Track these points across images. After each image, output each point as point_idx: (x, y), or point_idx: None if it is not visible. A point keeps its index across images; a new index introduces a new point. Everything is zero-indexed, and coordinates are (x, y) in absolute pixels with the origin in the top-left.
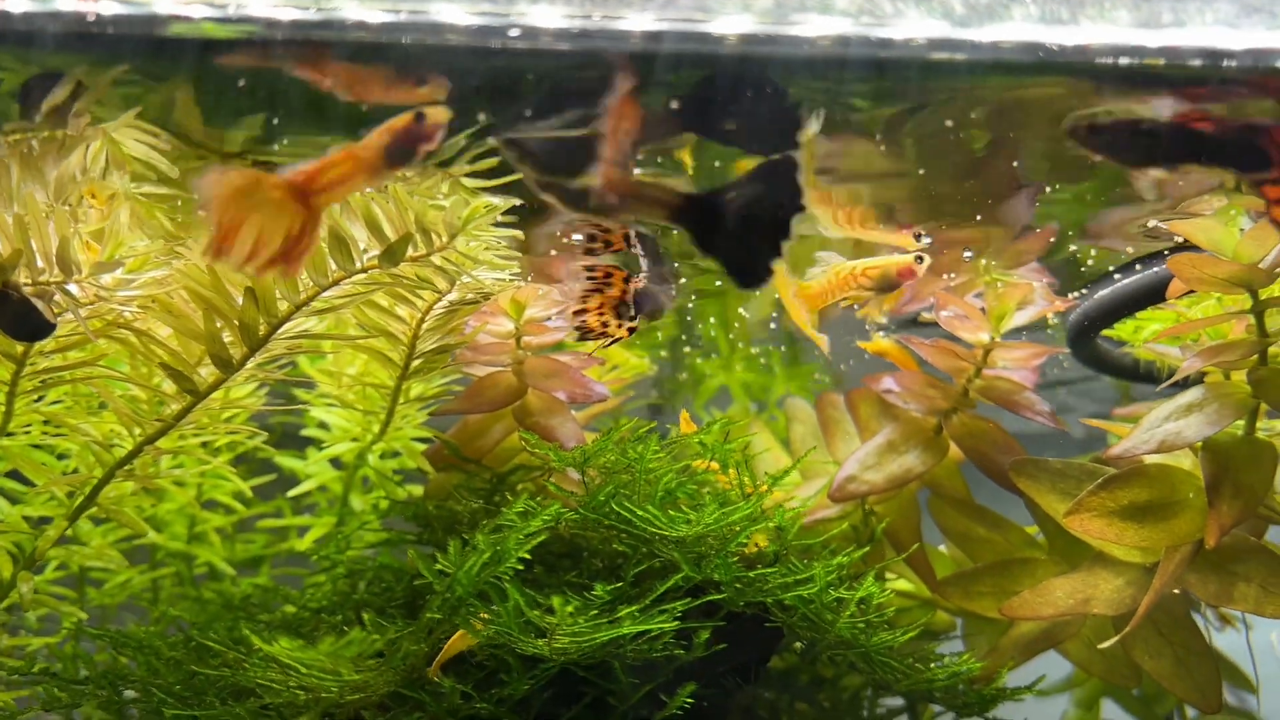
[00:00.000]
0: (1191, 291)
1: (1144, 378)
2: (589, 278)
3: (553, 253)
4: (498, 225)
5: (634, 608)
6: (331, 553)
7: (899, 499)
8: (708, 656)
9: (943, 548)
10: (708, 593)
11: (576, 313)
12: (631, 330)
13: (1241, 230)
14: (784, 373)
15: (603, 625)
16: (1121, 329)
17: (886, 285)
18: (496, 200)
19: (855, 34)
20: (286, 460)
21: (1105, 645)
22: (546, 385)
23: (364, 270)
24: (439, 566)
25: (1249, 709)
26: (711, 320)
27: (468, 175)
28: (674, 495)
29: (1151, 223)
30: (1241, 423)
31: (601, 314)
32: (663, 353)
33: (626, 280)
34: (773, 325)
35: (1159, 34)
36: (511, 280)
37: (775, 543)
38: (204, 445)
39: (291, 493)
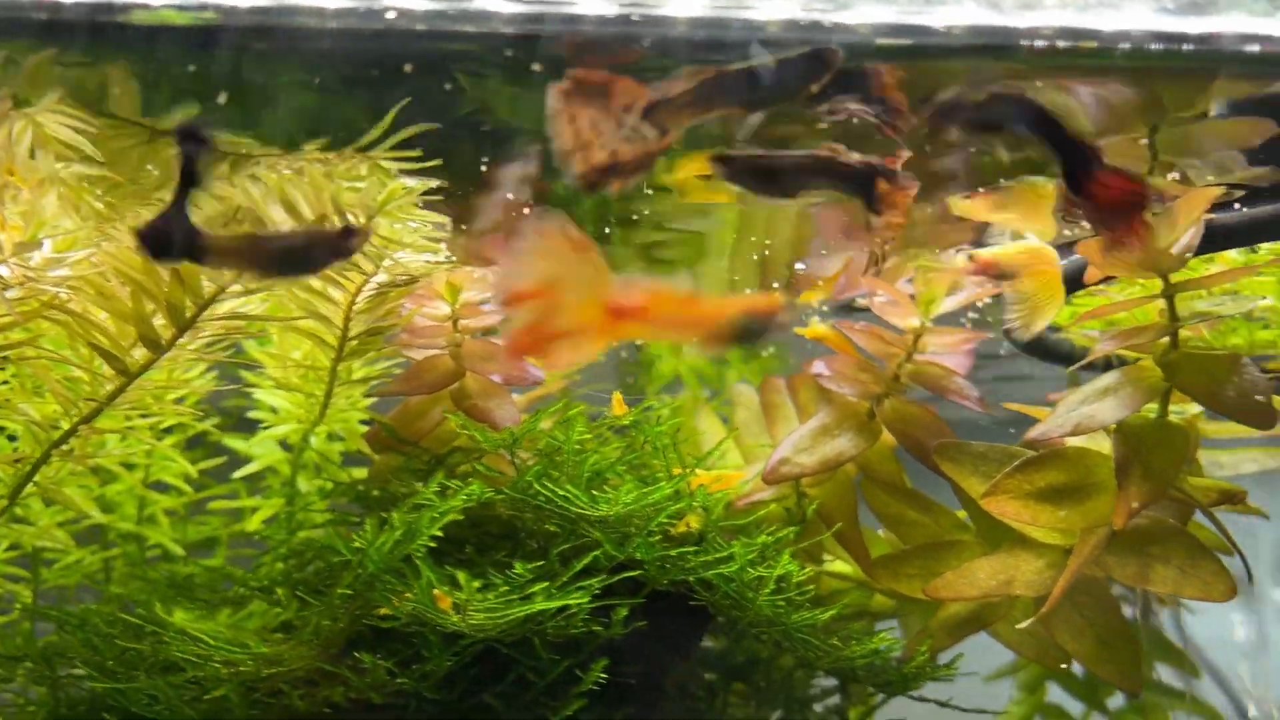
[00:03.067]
0: (1112, 278)
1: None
2: None
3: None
4: (428, 208)
5: (546, 585)
6: (276, 534)
7: (834, 482)
8: (637, 635)
9: (881, 531)
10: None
11: None
12: None
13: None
14: (738, 359)
15: (514, 602)
16: (1060, 314)
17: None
18: (413, 183)
19: None
20: (237, 443)
21: (1022, 626)
22: (483, 368)
23: None
24: (356, 544)
25: (1196, 692)
26: None
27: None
28: (603, 476)
29: None
30: (1155, 406)
31: None
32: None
33: None
34: None
35: None
36: (443, 263)
37: (705, 523)
38: (155, 428)
39: (236, 475)
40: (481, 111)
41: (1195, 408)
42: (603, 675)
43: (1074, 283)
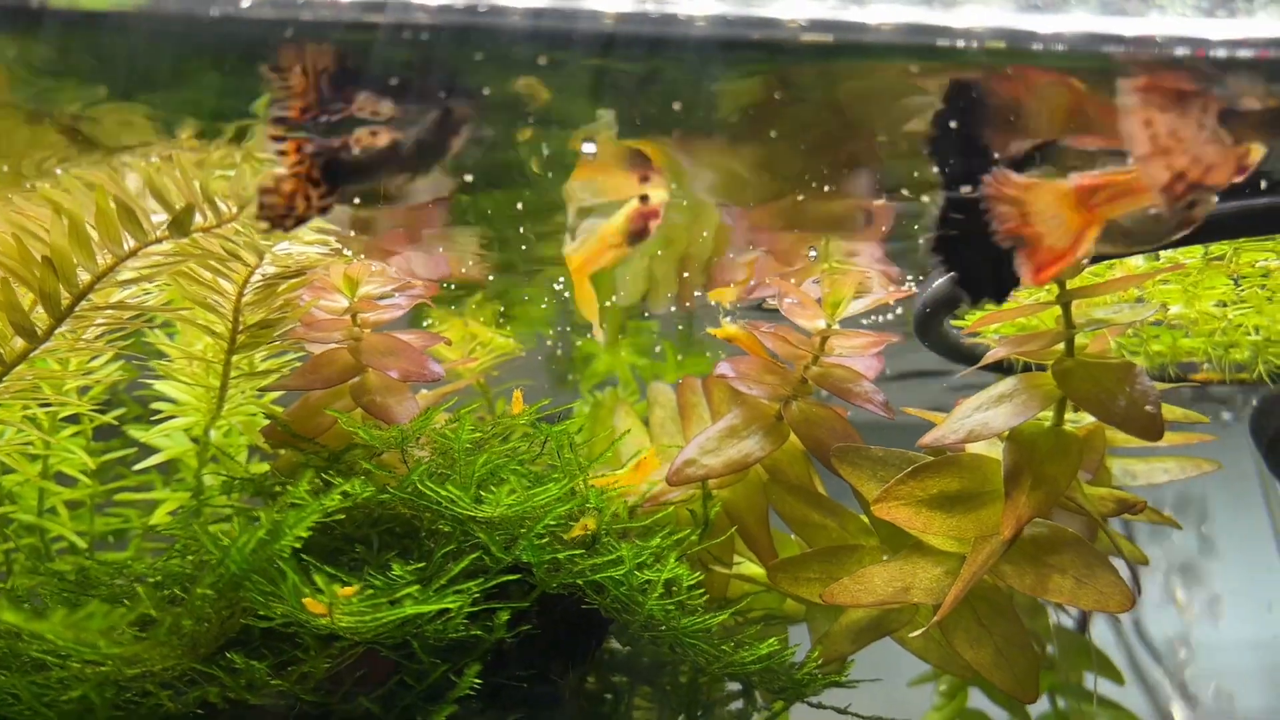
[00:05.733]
0: None
1: (998, 368)
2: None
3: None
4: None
5: (417, 587)
6: (175, 527)
7: (745, 484)
8: (528, 639)
9: (795, 536)
10: (523, 575)
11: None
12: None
13: None
14: (674, 357)
15: (382, 605)
16: (972, 318)
17: (636, 235)
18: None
19: None
20: (141, 434)
21: (915, 635)
22: (382, 363)
23: (158, 240)
24: (224, 543)
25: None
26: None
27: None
28: (499, 476)
29: None
30: (1049, 414)
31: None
32: (550, 332)
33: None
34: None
35: None
36: (335, 255)
37: (599, 525)
38: (54, 417)
39: (137, 467)
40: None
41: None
42: (494, 680)
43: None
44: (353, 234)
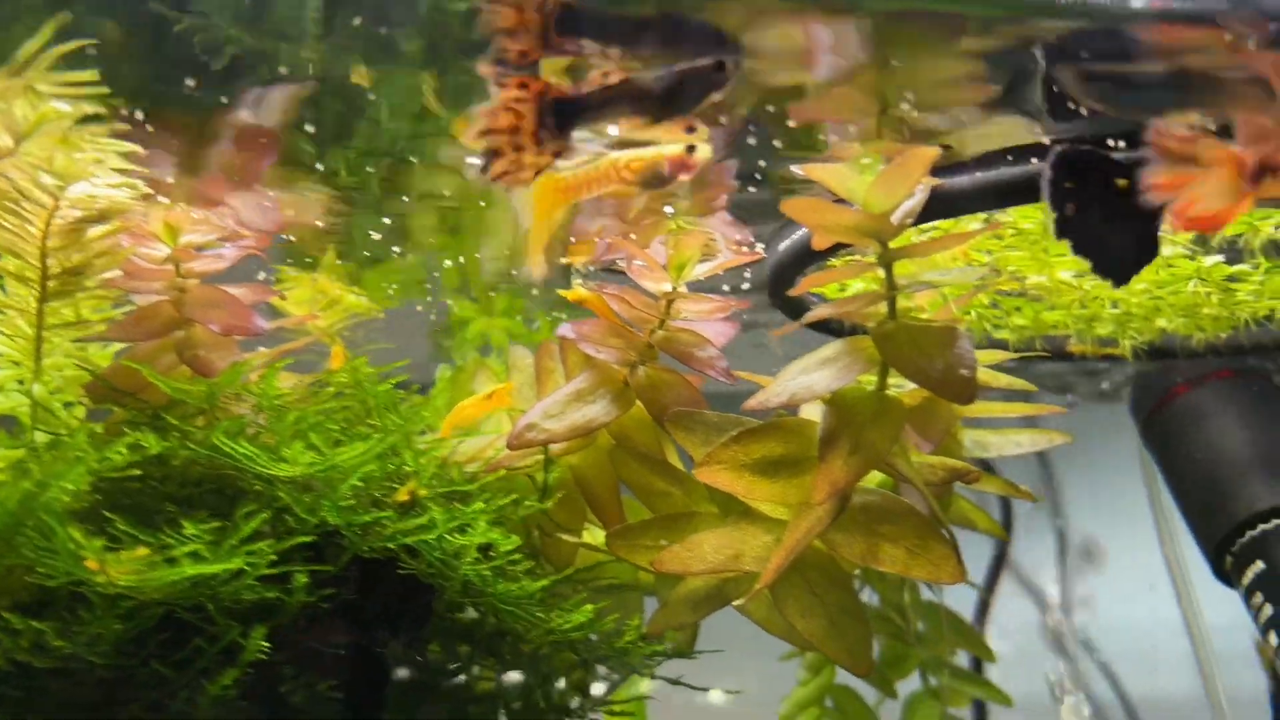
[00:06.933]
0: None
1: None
2: None
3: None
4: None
5: (196, 547)
6: None
7: (594, 451)
8: (348, 605)
9: None
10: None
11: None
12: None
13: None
14: (547, 321)
15: (159, 564)
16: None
17: (655, 180)
18: (66, 107)
19: None
20: None
21: (739, 604)
22: (204, 316)
23: None
24: None
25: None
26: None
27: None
28: (310, 434)
29: (793, 167)
30: (874, 377)
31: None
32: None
33: None
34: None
35: None
36: (148, 200)
37: (429, 489)
38: None
39: None
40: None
41: None
42: (308, 645)
43: (805, 256)
44: (171, 180)
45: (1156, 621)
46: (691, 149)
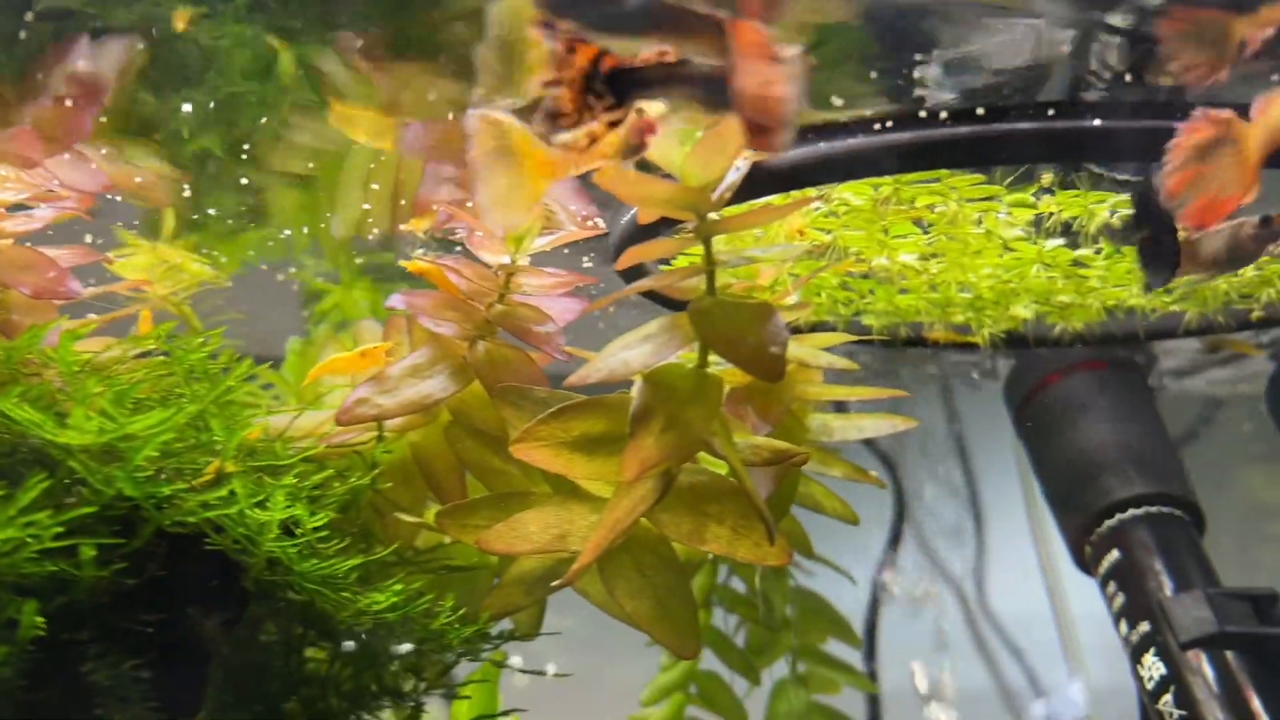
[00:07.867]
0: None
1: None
2: None
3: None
4: None
5: None
6: None
7: (435, 428)
8: (156, 581)
9: None
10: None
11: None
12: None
13: None
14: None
15: None
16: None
17: (632, 150)
18: None
19: None
20: None
21: (557, 585)
22: (16, 278)
23: None
24: None
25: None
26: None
27: None
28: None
29: None
30: (694, 354)
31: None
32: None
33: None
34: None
35: None
36: None
37: (241, 464)
38: None
39: None
40: None
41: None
42: (113, 623)
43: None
44: None
45: (1031, 613)
46: (640, 110)
